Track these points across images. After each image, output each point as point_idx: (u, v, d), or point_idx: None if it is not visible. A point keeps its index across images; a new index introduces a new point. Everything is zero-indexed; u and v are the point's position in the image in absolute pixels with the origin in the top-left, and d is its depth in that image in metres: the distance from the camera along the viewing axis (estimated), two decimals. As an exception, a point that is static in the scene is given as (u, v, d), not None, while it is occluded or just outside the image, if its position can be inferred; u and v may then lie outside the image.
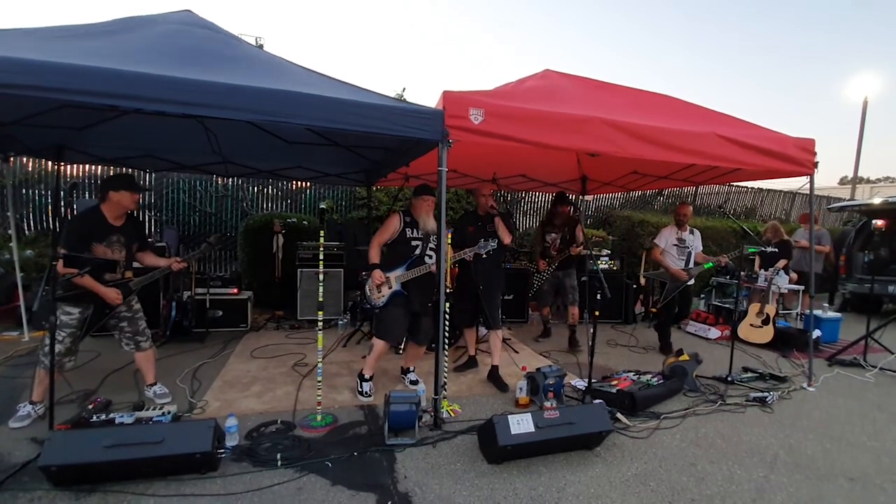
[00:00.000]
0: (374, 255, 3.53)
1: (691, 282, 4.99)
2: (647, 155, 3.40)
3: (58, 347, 2.88)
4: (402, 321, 3.53)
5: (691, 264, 4.98)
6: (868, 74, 22.62)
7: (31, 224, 6.48)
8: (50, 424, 2.53)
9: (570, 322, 5.20)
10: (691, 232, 5.07)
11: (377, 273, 3.45)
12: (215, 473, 2.44)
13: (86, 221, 3.02)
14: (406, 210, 3.66)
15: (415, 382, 3.77)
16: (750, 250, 5.60)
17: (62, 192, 5.31)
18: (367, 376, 3.57)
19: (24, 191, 6.37)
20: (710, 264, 5.00)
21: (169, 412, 2.90)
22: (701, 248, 5.11)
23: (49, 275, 2.53)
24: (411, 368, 3.88)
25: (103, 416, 2.81)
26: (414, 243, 3.55)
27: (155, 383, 3.39)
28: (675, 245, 5.01)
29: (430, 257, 3.57)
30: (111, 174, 4.09)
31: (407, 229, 3.56)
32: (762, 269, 6.18)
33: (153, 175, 6.94)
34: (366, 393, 3.52)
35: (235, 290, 5.52)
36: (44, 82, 2.15)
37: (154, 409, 2.94)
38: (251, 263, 6.59)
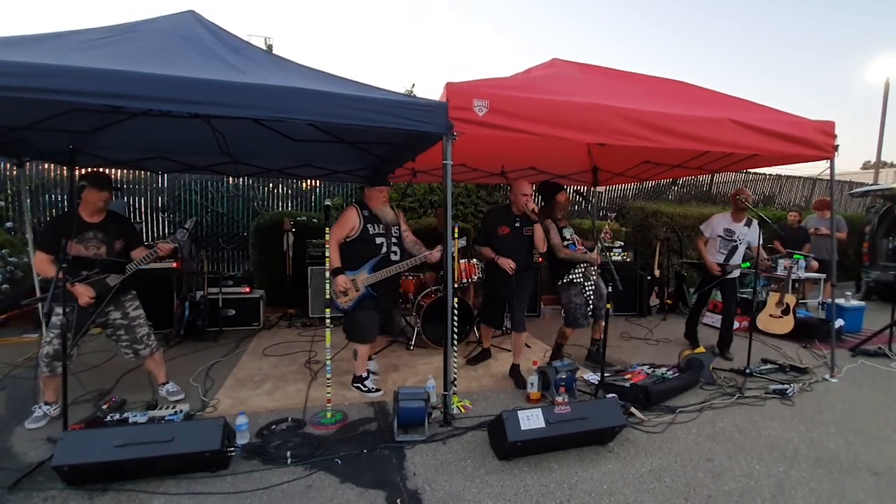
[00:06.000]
0: (336, 258, 3.31)
1: (734, 274, 4.56)
2: (659, 143, 3.31)
3: (48, 349, 2.90)
4: (374, 323, 3.46)
5: (736, 259, 4.51)
6: (889, 55, 21.93)
7: (49, 228, 6.62)
8: (64, 424, 2.56)
9: (596, 336, 4.42)
10: (747, 223, 4.48)
11: (340, 279, 3.30)
12: (226, 471, 2.45)
13: (59, 221, 3.05)
14: (360, 202, 3.49)
15: (375, 373, 3.81)
16: (797, 258, 5.87)
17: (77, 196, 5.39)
18: (363, 376, 3.57)
19: (39, 196, 6.49)
20: (747, 264, 4.63)
21: (181, 411, 2.93)
22: (755, 241, 4.38)
23: (57, 277, 2.55)
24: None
25: (117, 416, 2.85)
26: (378, 240, 3.40)
27: (167, 382, 3.43)
28: (721, 236, 4.53)
29: (395, 253, 3.47)
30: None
31: (368, 225, 3.38)
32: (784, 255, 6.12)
33: (166, 177, 7.04)
34: (370, 389, 3.52)
35: (248, 289, 5.57)
36: (48, 85, 2.18)
37: (167, 407, 2.98)
38: (262, 262, 6.65)
